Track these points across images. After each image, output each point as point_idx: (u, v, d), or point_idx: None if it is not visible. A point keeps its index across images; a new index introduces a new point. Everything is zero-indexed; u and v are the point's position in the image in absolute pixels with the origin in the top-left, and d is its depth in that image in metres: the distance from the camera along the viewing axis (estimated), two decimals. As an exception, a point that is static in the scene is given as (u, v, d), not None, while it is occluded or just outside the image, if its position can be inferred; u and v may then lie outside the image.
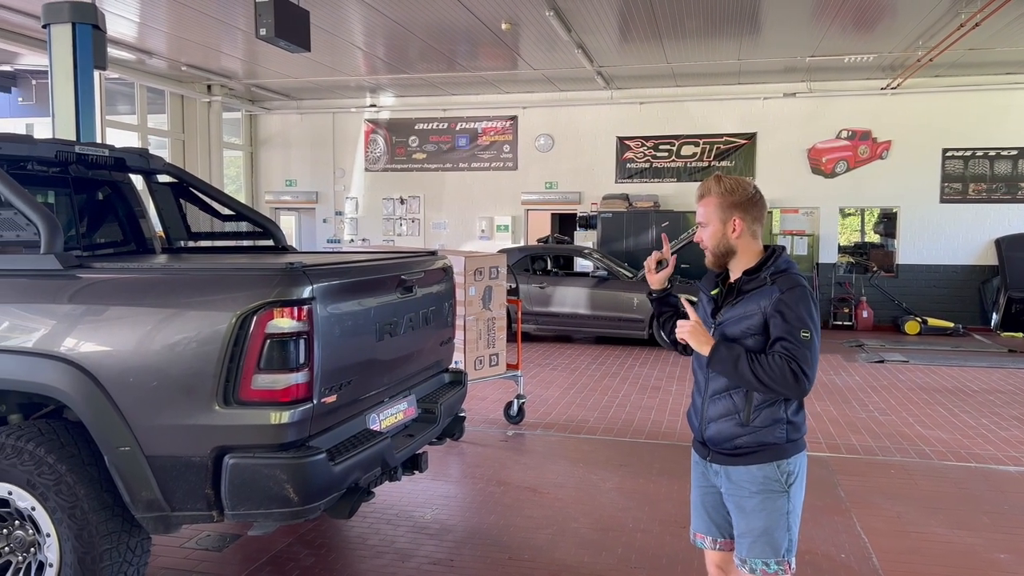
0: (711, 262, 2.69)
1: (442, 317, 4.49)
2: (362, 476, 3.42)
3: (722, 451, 2.63)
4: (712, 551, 2.81)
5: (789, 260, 2.65)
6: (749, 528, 2.59)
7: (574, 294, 11.87)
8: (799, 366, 2.43)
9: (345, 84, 15.22)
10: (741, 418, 2.57)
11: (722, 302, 2.67)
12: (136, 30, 11.85)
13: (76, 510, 3.10)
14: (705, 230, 2.65)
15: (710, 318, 2.68)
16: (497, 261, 6.65)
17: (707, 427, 2.66)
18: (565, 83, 14.73)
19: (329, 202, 16.82)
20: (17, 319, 3.24)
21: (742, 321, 2.56)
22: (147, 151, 4.79)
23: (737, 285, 2.63)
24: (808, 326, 2.48)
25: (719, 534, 2.76)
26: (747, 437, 2.57)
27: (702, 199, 2.66)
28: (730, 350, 2.52)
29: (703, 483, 2.78)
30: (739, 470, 2.60)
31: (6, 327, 3.23)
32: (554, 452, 6.27)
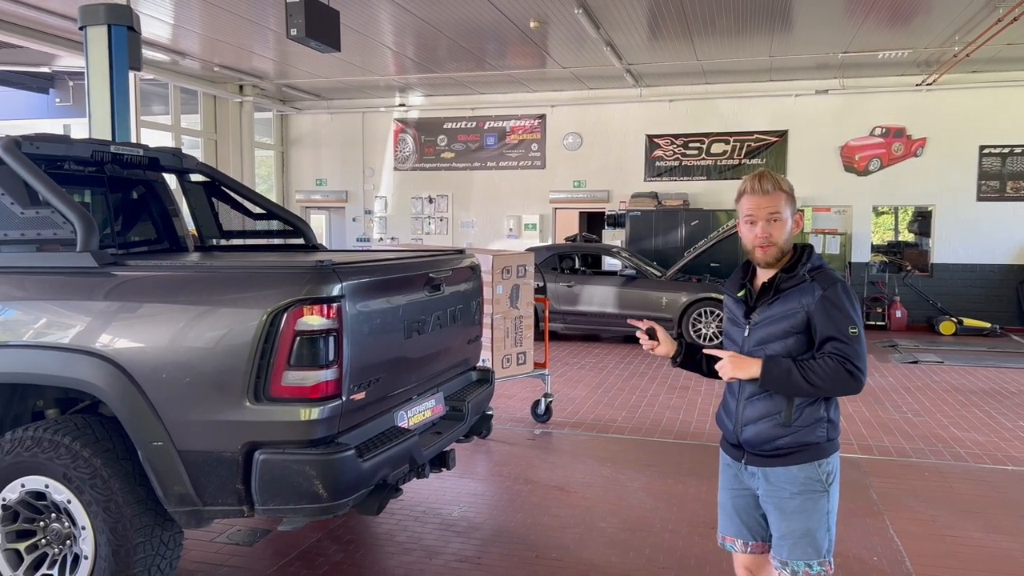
0: (771, 257, 2.57)
1: (469, 315, 4.50)
2: (390, 473, 3.45)
3: (760, 452, 2.59)
4: (743, 554, 2.77)
5: (820, 257, 2.62)
6: (790, 530, 2.55)
7: (602, 293, 11.83)
8: (853, 364, 2.42)
9: (375, 84, 15.31)
10: (782, 419, 2.53)
11: (754, 302, 2.62)
12: (170, 32, 12.02)
13: (111, 503, 3.15)
14: (777, 225, 2.56)
15: (742, 319, 2.63)
16: (524, 260, 6.65)
17: (743, 429, 2.61)
18: (594, 81, 14.68)
19: (359, 201, 16.94)
20: (54, 315, 3.31)
21: (783, 320, 2.52)
22: (180, 151, 4.86)
23: (773, 284, 2.57)
24: (855, 321, 2.46)
25: (751, 537, 2.72)
26: (788, 438, 2.53)
27: (774, 192, 2.56)
28: (778, 366, 2.47)
29: (734, 485, 2.74)
30: (779, 471, 2.56)
31: (44, 323, 3.30)
32: (581, 451, 6.26)
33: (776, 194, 2.57)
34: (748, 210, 2.58)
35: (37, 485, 3.24)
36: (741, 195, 2.62)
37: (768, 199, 2.56)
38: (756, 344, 2.57)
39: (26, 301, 3.38)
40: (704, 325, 11.35)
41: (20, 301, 3.39)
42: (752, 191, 2.58)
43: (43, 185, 3.46)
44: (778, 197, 2.57)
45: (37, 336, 3.28)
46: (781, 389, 2.49)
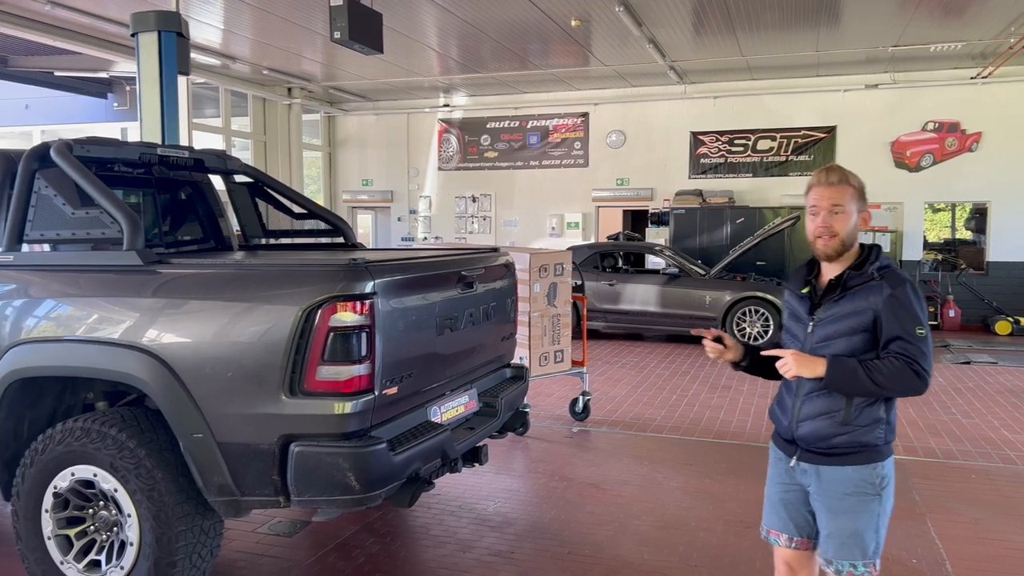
0: (832, 250, 2.56)
1: (504, 313, 4.54)
2: (422, 467, 3.51)
3: (815, 450, 2.57)
4: (785, 549, 2.75)
5: (888, 257, 2.61)
6: (838, 529, 2.54)
7: (644, 291, 11.78)
8: (919, 365, 2.41)
9: (419, 85, 15.47)
10: (841, 417, 2.52)
11: (819, 299, 2.61)
12: (221, 36, 12.33)
13: (154, 492, 3.28)
14: (840, 217, 2.55)
15: (806, 316, 2.63)
16: (562, 258, 6.68)
17: (799, 426, 2.60)
18: (637, 79, 14.61)
19: (403, 201, 17.14)
20: (103, 312, 3.45)
21: (849, 317, 2.51)
22: (225, 152, 5.01)
23: (841, 281, 2.57)
24: (922, 322, 2.46)
25: (796, 532, 2.71)
26: (845, 437, 2.52)
27: (839, 184, 2.56)
28: (844, 365, 2.46)
29: (784, 480, 2.71)
30: (832, 470, 2.55)
31: (93, 319, 3.44)
32: (619, 449, 6.26)
33: (842, 187, 2.57)
34: (813, 201, 2.60)
35: (86, 474, 3.39)
36: (810, 188, 2.63)
37: (832, 191, 2.57)
38: (819, 341, 2.56)
39: (77, 298, 3.53)
40: (748, 324, 11.23)
41: (72, 298, 3.54)
42: (818, 183, 2.60)
43: (92, 186, 3.60)
44: (843, 190, 2.56)
45: (87, 331, 3.42)
46: (846, 389, 2.48)
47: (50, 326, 3.51)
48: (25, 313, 3.57)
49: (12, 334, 3.54)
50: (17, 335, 3.53)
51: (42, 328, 3.52)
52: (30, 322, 3.54)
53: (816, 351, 2.55)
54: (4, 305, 3.62)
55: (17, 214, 3.74)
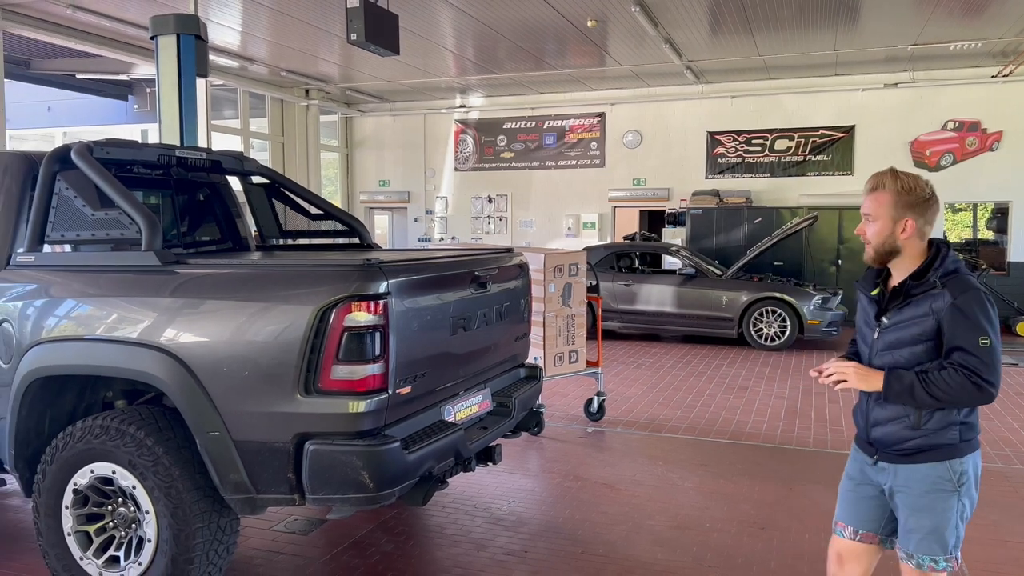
0: (872, 258, 2.61)
1: (517, 313, 4.56)
2: (436, 465, 3.53)
3: (894, 452, 2.58)
4: (846, 540, 2.76)
5: (957, 259, 2.55)
6: (918, 525, 2.54)
7: (660, 292, 11.76)
8: (980, 377, 2.38)
9: (436, 86, 15.53)
10: (911, 421, 2.52)
11: (886, 304, 2.60)
12: (239, 38, 12.44)
13: (171, 489, 3.32)
14: (871, 225, 2.56)
15: (872, 320, 2.63)
16: (577, 258, 6.68)
17: (873, 429, 2.62)
18: (653, 78, 14.59)
19: (420, 201, 17.21)
20: (121, 312, 3.50)
21: (912, 326, 2.50)
22: (241, 154, 5.06)
23: (904, 288, 2.55)
24: (986, 332, 2.40)
25: (862, 526, 2.73)
26: (918, 440, 2.52)
27: (873, 192, 2.56)
28: (900, 380, 2.47)
29: (860, 478, 2.73)
30: (909, 468, 2.55)
31: (112, 319, 3.49)
32: (633, 450, 6.26)
33: (876, 193, 2.56)
34: (864, 209, 2.61)
35: (105, 471, 3.44)
36: (865, 194, 2.63)
37: (867, 198, 2.58)
38: (884, 348, 2.57)
39: (95, 298, 3.58)
40: (765, 325, 11.18)
41: (90, 298, 3.59)
42: (871, 189, 2.59)
43: (111, 187, 3.65)
44: (878, 197, 2.55)
45: (105, 331, 3.47)
46: (904, 403, 2.50)
47: (69, 325, 3.56)
48: (45, 313, 3.63)
49: (33, 333, 3.60)
50: (38, 334, 3.59)
51: (62, 327, 3.57)
52: (50, 321, 3.60)
53: (880, 357, 2.57)
54: (26, 305, 3.68)
55: (38, 215, 3.80)
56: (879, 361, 2.59)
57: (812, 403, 7.85)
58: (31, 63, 15.58)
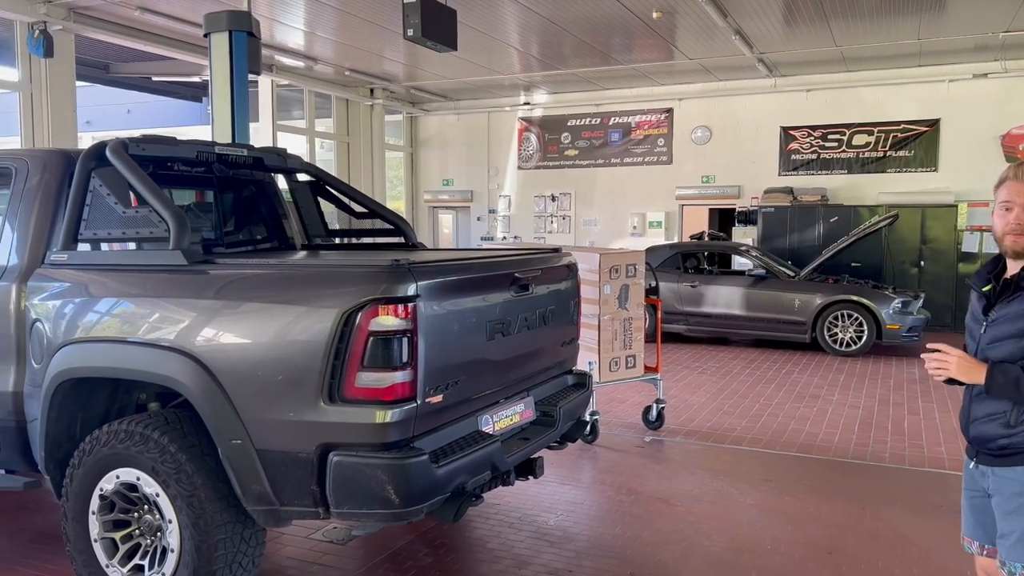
0: (1020, 247, 2.47)
1: (565, 316, 4.31)
2: (468, 480, 3.32)
3: (987, 451, 2.53)
4: (980, 556, 2.67)
5: None
6: (1009, 530, 2.47)
7: (728, 293, 11.30)
8: None
9: (500, 83, 15.37)
10: (1008, 419, 2.45)
11: (996, 298, 2.54)
12: (304, 39, 12.52)
13: (193, 499, 3.19)
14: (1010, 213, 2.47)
15: (980, 315, 2.57)
16: (634, 258, 6.38)
17: (971, 426, 2.57)
18: (724, 72, 14.09)
19: (483, 200, 17.07)
20: (146, 312, 3.39)
21: (1019, 319, 2.43)
22: (285, 151, 4.94)
23: (1015, 280, 2.49)
24: None
25: (986, 539, 2.63)
26: (1010, 439, 2.45)
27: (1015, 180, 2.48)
28: (1005, 374, 2.41)
29: (971, 486, 2.66)
30: (1004, 471, 2.49)
31: (138, 320, 3.39)
32: (692, 461, 5.92)
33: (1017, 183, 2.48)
34: (1005, 196, 2.51)
35: (130, 477, 3.33)
36: (1002, 182, 2.55)
37: (1008, 186, 2.50)
38: (989, 342, 2.51)
39: (122, 298, 3.48)
40: (840, 330, 10.61)
41: (117, 298, 3.49)
42: (1014, 177, 2.51)
43: (142, 184, 3.55)
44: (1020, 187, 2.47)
45: (130, 332, 3.37)
46: (1007, 397, 2.43)
47: (95, 326, 3.48)
48: (73, 313, 3.55)
49: (62, 334, 3.53)
50: (66, 335, 3.52)
51: (88, 328, 3.49)
52: (77, 322, 3.52)
53: (985, 352, 2.50)
54: (56, 305, 3.61)
55: (73, 213, 3.74)
56: (985, 356, 2.50)
57: (889, 414, 7.34)
58: (111, 67, 16.05)
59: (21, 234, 3.82)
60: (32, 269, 3.74)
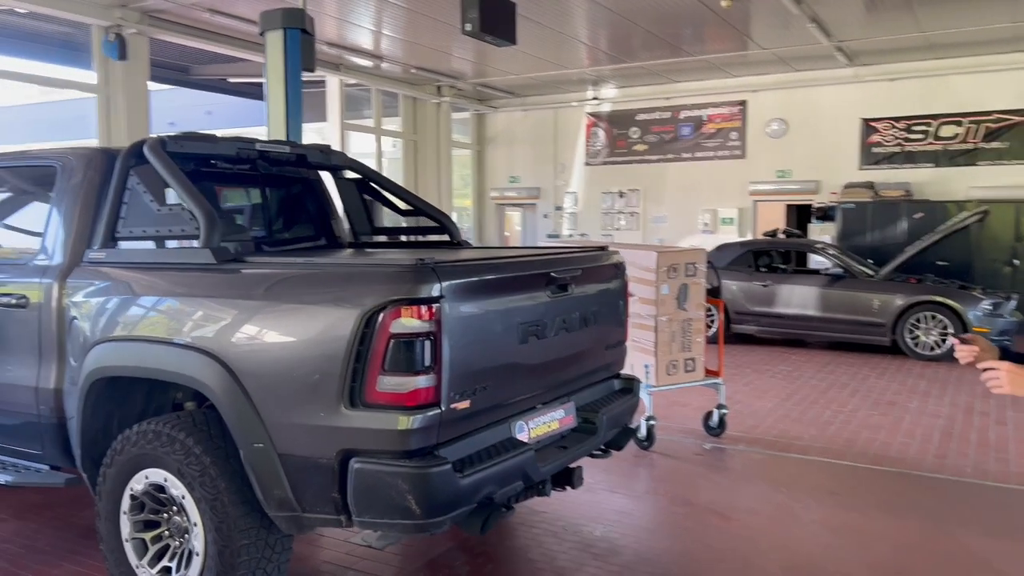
0: None
1: (610, 318, 4.10)
2: (497, 490, 3.16)
3: None
4: None
5: None
6: None
7: (802, 293, 10.80)
8: None
9: (567, 78, 15.16)
10: None
11: None
12: (371, 38, 12.59)
13: (217, 502, 3.12)
14: None
15: None
16: (695, 257, 6.09)
17: None
18: (800, 62, 13.53)
19: (550, 197, 16.89)
20: (173, 311, 3.35)
21: None
22: (329, 147, 4.87)
23: None
24: None
25: None
26: None
27: None
28: None
29: None
30: None
31: (165, 319, 3.35)
32: (753, 472, 5.62)
33: None
34: None
35: (158, 478, 3.29)
36: None
37: None
38: None
39: (152, 297, 3.45)
40: (923, 332, 10.00)
41: (147, 297, 3.46)
42: None
43: (176, 181, 3.52)
44: None
45: (157, 331, 3.33)
46: None
47: (124, 325, 3.45)
48: (106, 311, 3.54)
49: (95, 332, 3.52)
50: (99, 333, 3.51)
51: (118, 326, 3.47)
52: (109, 320, 3.51)
53: None
54: (92, 303, 3.61)
55: (112, 211, 3.73)
56: None
57: (974, 423, 6.84)
58: (190, 69, 16.52)
59: (64, 232, 3.84)
60: (72, 267, 3.75)
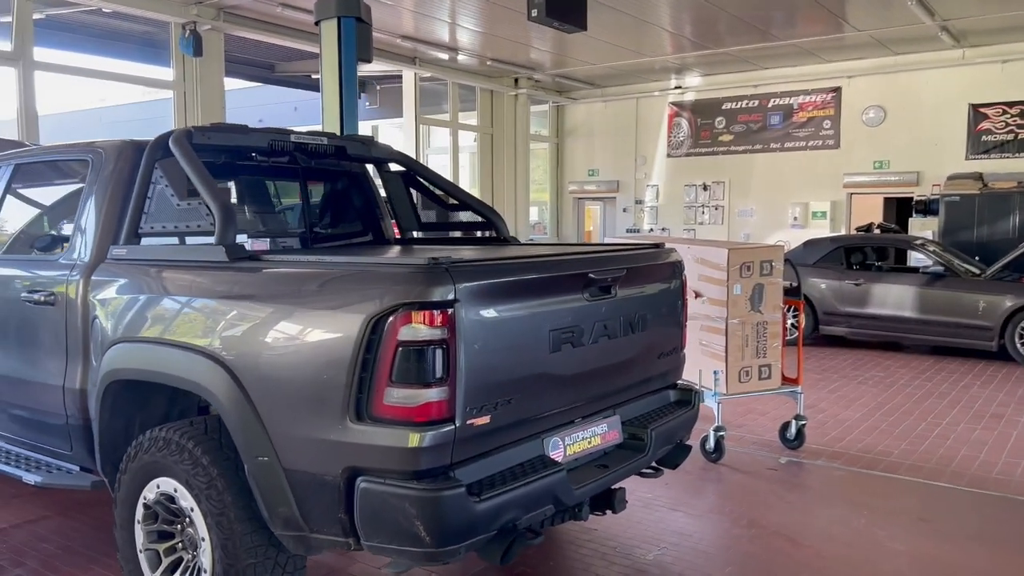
0: None
1: (665, 322, 3.72)
2: (521, 516, 2.84)
3: None
4: None
5: None
6: None
7: (899, 293, 10.01)
8: None
9: (649, 67, 14.65)
10: None
11: None
12: (447, 30, 12.44)
13: (223, 518, 2.92)
14: None
15: None
16: (771, 254, 5.60)
17: None
18: (900, 45, 12.61)
19: (630, 191, 16.38)
20: (183, 311, 3.16)
21: None
22: (371, 138, 4.64)
23: None
24: None
25: None
26: None
27: None
28: None
29: None
30: None
31: (174, 319, 3.17)
32: (833, 491, 5.10)
33: None
34: None
35: (168, 488, 3.12)
36: None
37: None
38: None
39: (164, 296, 3.28)
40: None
41: (160, 296, 3.29)
42: None
43: (196, 174, 3.34)
44: None
45: (166, 332, 3.15)
46: None
47: (137, 325, 3.29)
48: (122, 311, 3.39)
49: (112, 332, 3.38)
50: (115, 334, 3.36)
51: (132, 327, 3.31)
52: (124, 320, 3.35)
53: None
54: (112, 301, 3.47)
55: (136, 206, 3.60)
56: None
57: (1095, 443, 6.09)
58: (276, 67, 16.79)
59: (92, 226, 3.72)
60: (97, 263, 3.62)
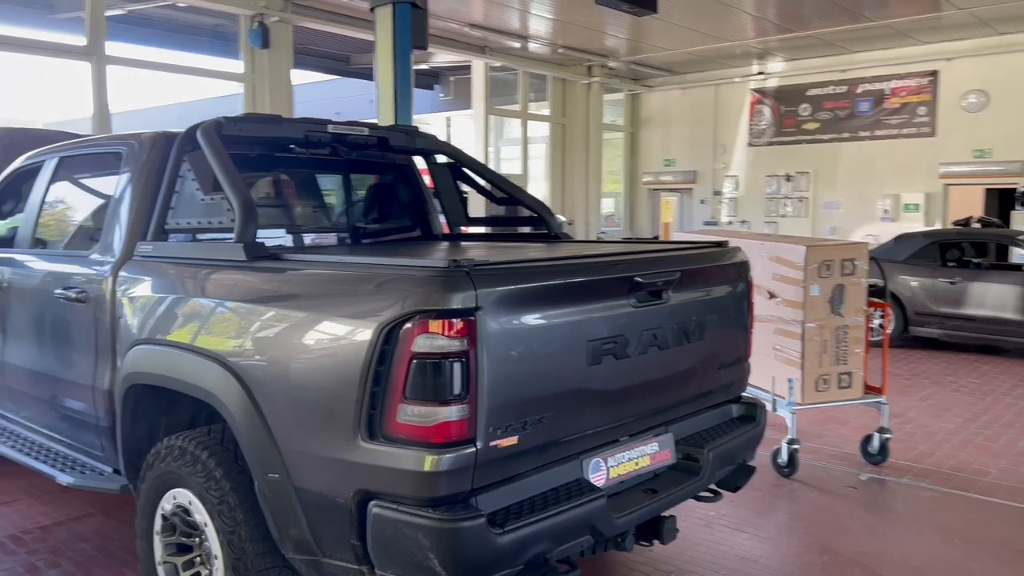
0: None
1: (727, 330, 3.35)
2: (552, 549, 2.54)
3: None
4: None
5: None
6: None
7: (999, 293, 9.22)
8: None
9: (730, 52, 14.04)
10: None
11: None
12: (518, 17, 12.17)
13: (234, 536, 2.73)
14: None
15: None
16: (854, 252, 5.11)
17: None
18: (1006, 24, 11.67)
19: (707, 182, 15.77)
20: (198, 313, 2.98)
21: None
22: (416, 129, 4.39)
23: None
24: None
25: None
26: None
27: None
28: None
29: None
30: None
31: (189, 321, 2.99)
32: (920, 514, 4.61)
33: None
34: None
35: (184, 500, 2.95)
36: None
37: None
38: None
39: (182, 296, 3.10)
40: None
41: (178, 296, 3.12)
42: None
43: (220, 168, 3.15)
44: None
45: (182, 336, 2.98)
46: None
47: (155, 326, 3.13)
48: (143, 310, 3.24)
49: (133, 333, 3.23)
50: (134, 335, 3.22)
51: (150, 328, 3.15)
52: (143, 321, 3.20)
53: None
54: (135, 300, 3.32)
55: (163, 200, 3.45)
56: None
57: None
58: (351, 59, 16.85)
59: (122, 222, 3.59)
60: (125, 260, 3.49)
